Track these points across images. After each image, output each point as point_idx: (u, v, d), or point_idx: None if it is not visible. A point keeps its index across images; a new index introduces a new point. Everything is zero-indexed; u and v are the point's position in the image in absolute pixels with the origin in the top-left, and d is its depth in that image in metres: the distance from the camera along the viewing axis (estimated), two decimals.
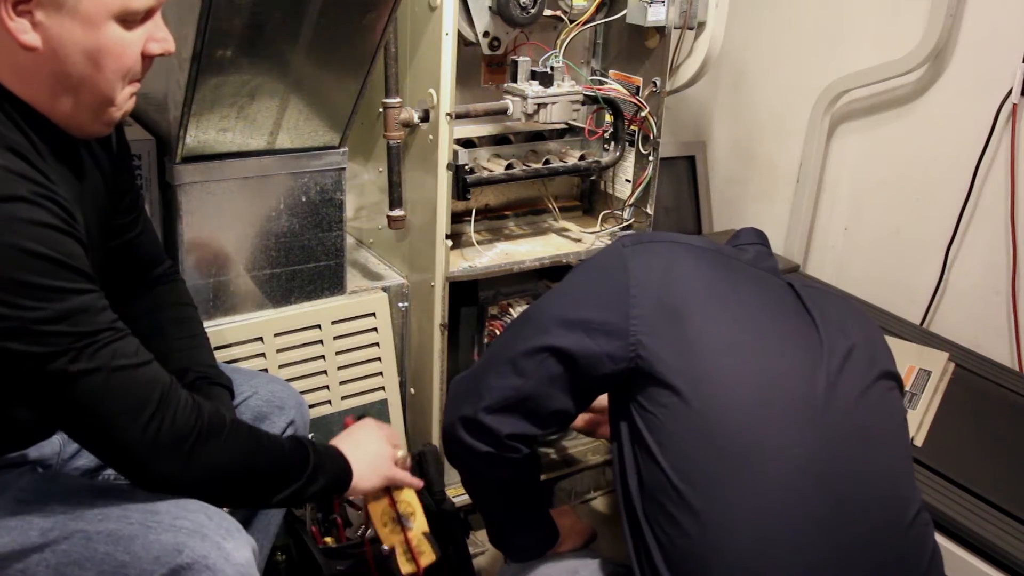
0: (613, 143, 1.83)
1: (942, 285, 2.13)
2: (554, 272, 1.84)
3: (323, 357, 1.69)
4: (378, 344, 1.75)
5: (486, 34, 1.67)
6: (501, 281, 1.86)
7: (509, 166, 1.75)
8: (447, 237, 1.64)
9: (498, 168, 1.74)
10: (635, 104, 1.79)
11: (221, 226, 1.54)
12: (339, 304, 1.70)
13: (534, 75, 1.69)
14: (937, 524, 1.30)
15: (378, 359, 1.75)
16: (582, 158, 1.84)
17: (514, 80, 1.71)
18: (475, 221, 1.79)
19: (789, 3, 2.38)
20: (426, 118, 1.59)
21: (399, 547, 1.34)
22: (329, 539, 1.51)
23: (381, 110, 1.62)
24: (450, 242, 1.65)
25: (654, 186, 1.84)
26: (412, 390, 1.83)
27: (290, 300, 1.66)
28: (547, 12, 1.68)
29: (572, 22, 1.74)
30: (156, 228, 1.46)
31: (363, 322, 1.73)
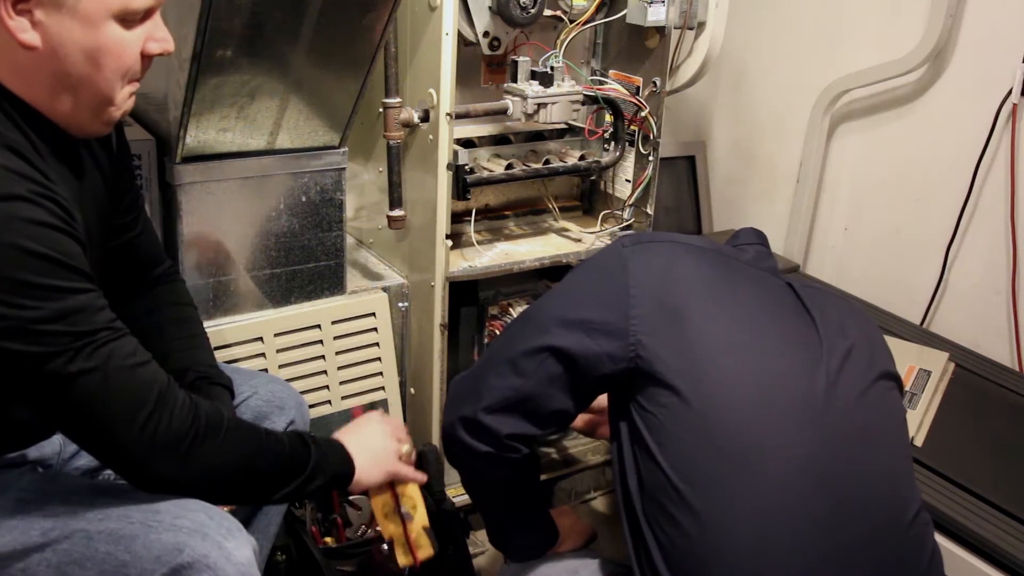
0: (613, 143, 1.83)
1: (942, 285, 2.13)
2: (554, 272, 1.84)
3: (323, 357, 1.69)
4: (378, 344, 1.75)
5: (486, 34, 1.67)
6: (501, 281, 1.86)
7: (509, 166, 1.75)
8: (447, 237, 1.64)
9: (498, 168, 1.74)
10: (635, 104, 1.79)
11: (221, 226, 1.54)
12: (339, 304, 1.70)
13: (534, 75, 1.69)
14: (937, 524, 1.30)
15: (378, 359, 1.75)
16: (582, 158, 1.84)
17: (514, 80, 1.71)
18: (475, 221, 1.79)
19: (789, 3, 2.38)
20: (426, 118, 1.59)
21: (397, 539, 1.34)
22: (329, 539, 1.51)
23: (381, 110, 1.62)
24: (450, 242, 1.65)
25: (654, 186, 1.84)
26: (412, 390, 1.83)
27: (290, 300, 1.66)
28: (547, 12, 1.68)
29: (572, 22, 1.74)
30: (156, 228, 1.46)
31: (363, 322, 1.73)
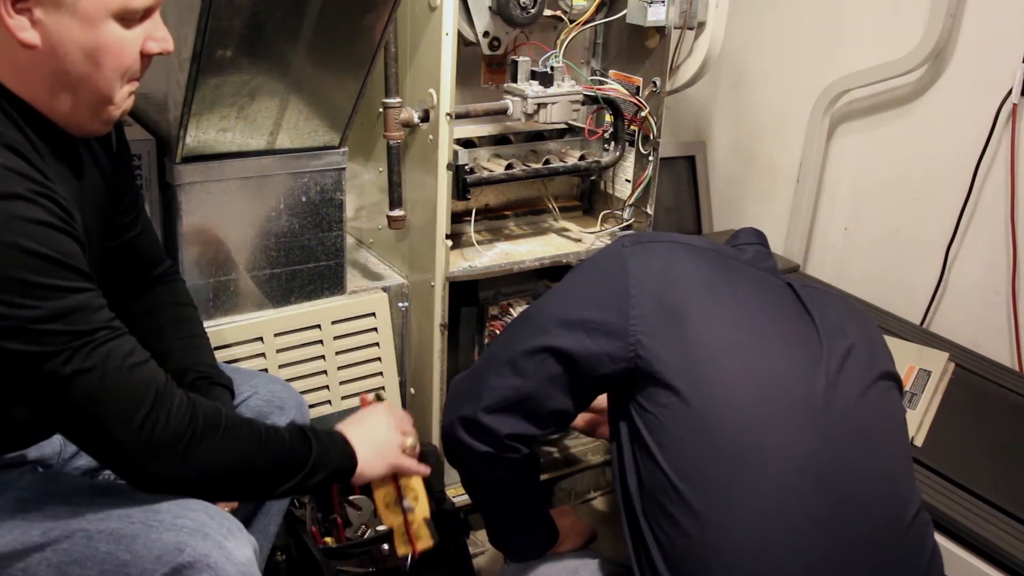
0: (613, 143, 1.83)
1: (942, 285, 2.13)
2: (554, 272, 1.84)
3: (323, 357, 1.69)
4: (378, 344, 1.75)
5: (486, 34, 1.67)
6: (501, 281, 1.86)
7: (509, 166, 1.75)
8: (447, 237, 1.64)
9: (498, 168, 1.74)
10: (635, 104, 1.79)
11: (221, 226, 1.54)
12: (339, 304, 1.70)
13: (534, 75, 1.69)
14: (937, 524, 1.30)
15: (378, 359, 1.75)
16: (582, 158, 1.84)
17: (514, 80, 1.71)
18: (475, 221, 1.79)
19: (789, 3, 2.38)
20: (426, 118, 1.59)
21: (398, 530, 1.34)
22: (329, 539, 1.51)
23: (381, 110, 1.62)
24: (450, 242, 1.65)
25: (654, 186, 1.84)
26: (412, 390, 1.83)
27: (290, 300, 1.66)
28: (547, 12, 1.68)
29: (572, 22, 1.74)
30: (156, 228, 1.46)
31: (363, 322, 1.73)
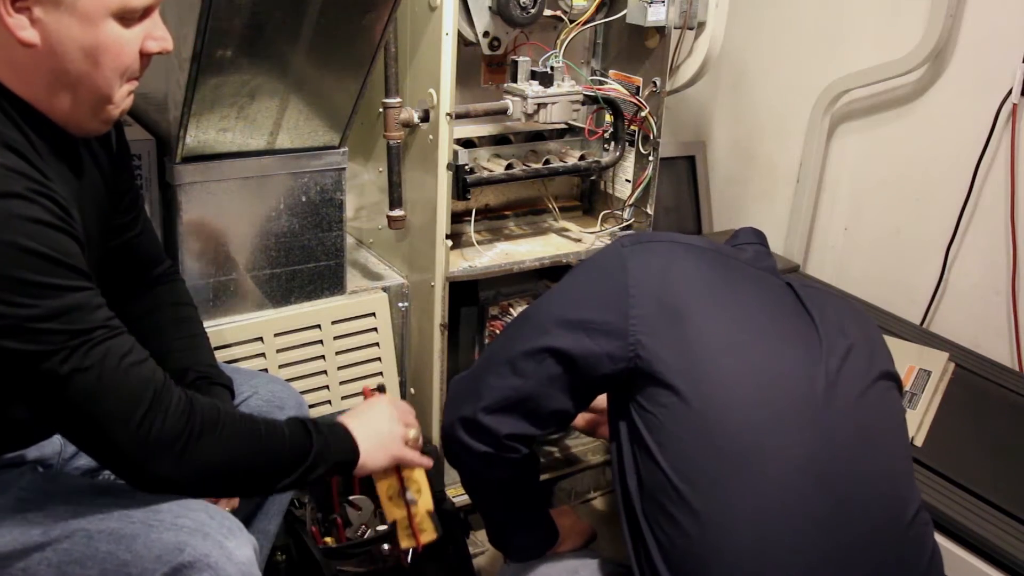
0: (613, 143, 1.83)
1: (942, 285, 2.13)
2: (554, 272, 1.84)
3: (323, 357, 1.68)
4: (378, 344, 1.75)
5: (486, 34, 1.67)
6: (501, 281, 1.86)
7: (509, 166, 1.75)
8: (447, 237, 1.64)
9: (498, 168, 1.74)
10: (635, 104, 1.79)
11: (221, 226, 1.54)
12: (339, 304, 1.70)
13: (534, 75, 1.69)
14: (937, 524, 1.30)
15: (378, 359, 1.75)
16: (582, 158, 1.84)
17: (514, 80, 1.71)
18: (475, 221, 1.79)
19: (789, 3, 2.38)
20: (426, 118, 1.59)
21: (401, 522, 1.34)
22: (329, 539, 1.51)
23: (381, 110, 1.62)
24: (450, 242, 1.65)
25: (654, 186, 1.84)
26: (412, 390, 1.83)
27: (290, 300, 1.66)
28: (547, 12, 1.68)
29: (572, 22, 1.74)
30: (156, 228, 1.46)
31: (363, 322, 1.73)
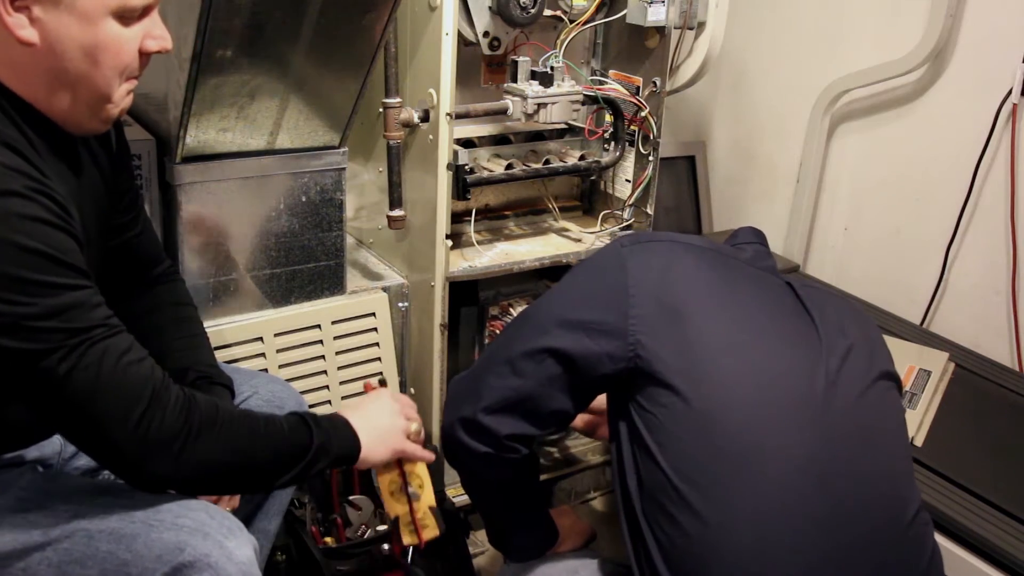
0: (613, 143, 1.83)
1: (942, 285, 2.13)
2: (554, 272, 1.83)
3: (323, 357, 1.68)
4: (378, 344, 1.75)
5: (486, 34, 1.67)
6: (501, 281, 1.86)
7: (509, 166, 1.75)
8: (447, 237, 1.64)
9: (498, 168, 1.74)
10: (635, 104, 1.79)
11: (221, 226, 1.54)
12: (339, 304, 1.70)
13: (534, 75, 1.69)
14: (937, 524, 1.30)
15: (378, 359, 1.75)
16: (582, 158, 1.84)
17: (514, 80, 1.71)
18: (475, 221, 1.79)
19: (789, 3, 2.38)
20: (426, 118, 1.59)
21: (403, 518, 1.34)
22: (329, 539, 1.51)
23: (381, 110, 1.62)
24: (450, 242, 1.65)
25: (654, 186, 1.84)
26: (412, 390, 1.82)
27: (290, 300, 1.66)
28: (547, 12, 1.68)
29: (572, 22, 1.74)
30: (156, 228, 1.46)
31: (363, 322, 1.73)
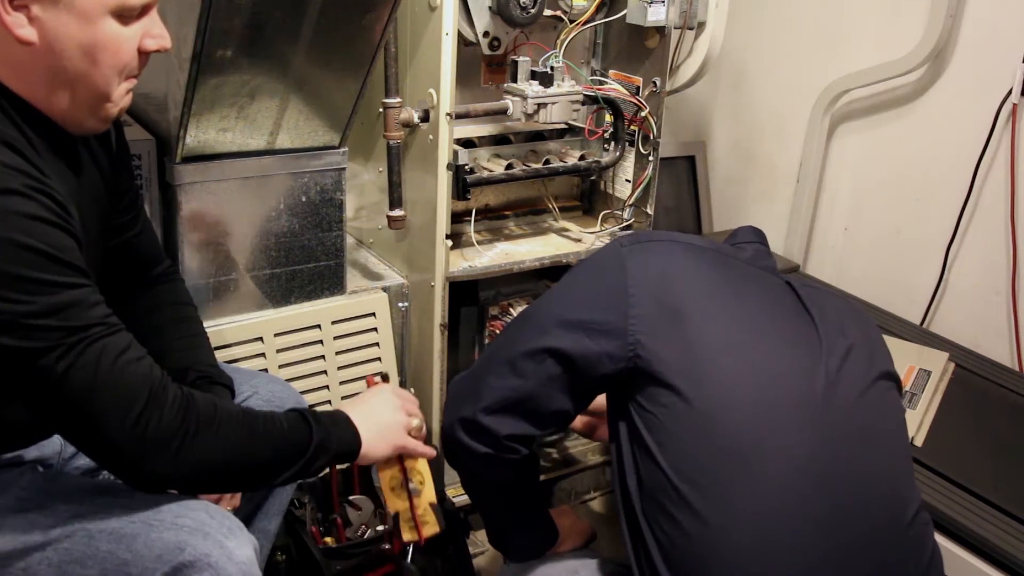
0: (613, 143, 1.83)
1: (942, 285, 2.13)
2: (554, 272, 1.83)
3: (323, 357, 1.69)
4: (378, 344, 1.75)
5: (486, 34, 1.67)
6: (501, 281, 1.86)
7: (509, 166, 1.75)
8: (447, 237, 1.64)
9: (498, 168, 1.74)
10: (635, 104, 1.79)
11: (221, 226, 1.54)
12: (339, 304, 1.70)
13: (534, 75, 1.69)
14: (937, 524, 1.30)
15: (378, 359, 1.75)
16: (582, 158, 1.84)
17: (514, 80, 1.71)
18: (475, 221, 1.79)
19: (789, 3, 2.38)
20: (426, 118, 1.59)
21: (403, 515, 1.34)
22: (329, 539, 1.51)
23: (381, 110, 1.62)
24: (450, 242, 1.65)
25: (654, 186, 1.84)
26: (412, 390, 1.82)
27: (290, 300, 1.66)
28: (547, 12, 1.68)
29: (572, 22, 1.74)
30: (156, 228, 1.46)
31: (363, 322, 1.73)
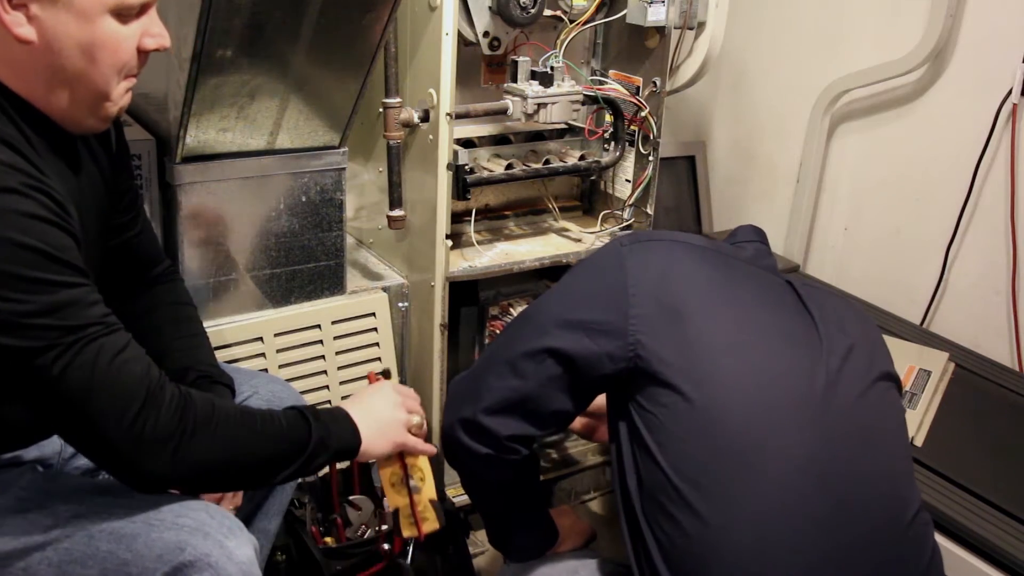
0: (613, 143, 1.83)
1: (942, 285, 2.13)
2: (554, 272, 1.83)
3: (323, 357, 1.69)
4: (378, 344, 1.75)
5: (486, 34, 1.67)
6: (501, 281, 1.86)
7: (509, 166, 1.75)
8: (447, 237, 1.64)
9: (498, 168, 1.74)
10: (635, 104, 1.79)
11: (221, 226, 1.54)
12: (339, 304, 1.70)
13: (534, 75, 1.69)
14: (937, 524, 1.30)
15: (378, 359, 1.75)
16: (582, 158, 1.84)
17: (514, 80, 1.71)
18: (475, 221, 1.79)
19: (789, 3, 2.38)
20: (426, 118, 1.59)
21: (403, 511, 1.34)
22: (329, 539, 1.51)
23: (381, 110, 1.62)
24: (450, 242, 1.65)
25: (654, 186, 1.84)
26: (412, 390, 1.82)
27: (290, 300, 1.66)
28: (547, 12, 1.68)
29: (572, 22, 1.74)
30: (156, 228, 1.46)
31: (363, 322, 1.73)
